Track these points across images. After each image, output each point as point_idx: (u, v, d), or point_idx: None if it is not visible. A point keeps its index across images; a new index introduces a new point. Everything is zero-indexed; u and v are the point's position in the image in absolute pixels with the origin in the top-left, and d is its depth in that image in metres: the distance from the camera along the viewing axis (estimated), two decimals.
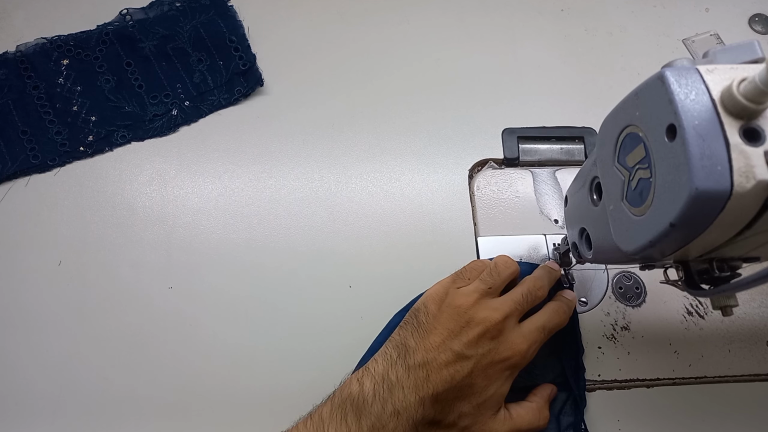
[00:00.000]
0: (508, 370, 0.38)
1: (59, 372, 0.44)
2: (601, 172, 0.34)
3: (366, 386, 0.36)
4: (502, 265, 0.41)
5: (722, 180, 0.24)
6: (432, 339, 0.37)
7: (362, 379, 0.37)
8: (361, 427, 0.35)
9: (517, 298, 0.39)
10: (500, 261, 0.41)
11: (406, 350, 0.37)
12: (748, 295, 0.48)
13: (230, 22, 0.56)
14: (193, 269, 0.47)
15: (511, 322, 0.38)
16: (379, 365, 0.37)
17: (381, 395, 0.35)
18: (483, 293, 0.39)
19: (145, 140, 0.52)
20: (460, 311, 0.38)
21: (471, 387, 0.36)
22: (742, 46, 0.28)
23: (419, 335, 0.38)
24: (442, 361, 0.36)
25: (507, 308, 0.38)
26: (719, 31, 0.59)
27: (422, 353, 0.37)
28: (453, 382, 0.36)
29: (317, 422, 0.36)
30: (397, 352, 0.38)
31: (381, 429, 0.35)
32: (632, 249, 0.30)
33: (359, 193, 0.51)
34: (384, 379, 0.36)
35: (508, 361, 0.37)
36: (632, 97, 0.30)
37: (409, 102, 0.55)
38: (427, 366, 0.36)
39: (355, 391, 0.36)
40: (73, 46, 0.54)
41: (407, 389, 0.36)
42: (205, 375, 0.44)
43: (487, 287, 0.39)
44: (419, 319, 0.39)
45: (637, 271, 0.48)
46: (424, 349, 0.37)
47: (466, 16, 0.59)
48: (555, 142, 0.53)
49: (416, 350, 0.37)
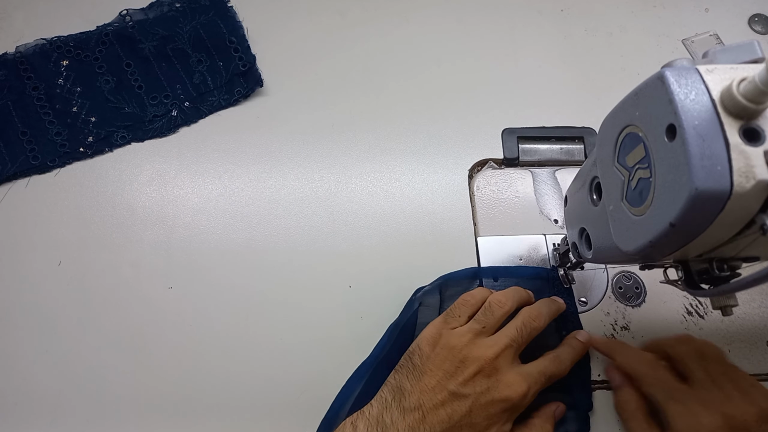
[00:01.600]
0: (508, 411, 0.37)
1: (59, 372, 0.44)
2: (601, 172, 0.34)
3: (359, 429, 0.36)
4: (496, 305, 0.40)
5: (722, 180, 0.24)
6: (427, 380, 0.37)
7: (356, 423, 0.36)
8: None
9: (511, 333, 0.39)
10: (494, 300, 0.40)
11: (402, 393, 0.37)
12: (748, 295, 0.48)
13: (230, 23, 0.56)
14: (193, 269, 0.47)
15: (507, 359, 0.37)
16: (374, 408, 0.37)
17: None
18: (477, 333, 0.39)
19: (144, 141, 0.52)
20: (455, 351, 0.37)
21: (472, 427, 0.36)
22: (741, 46, 0.28)
23: (414, 377, 0.37)
24: (438, 401, 0.36)
25: (502, 344, 0.38)
26: (719, 31, 0.59)
27: (417, 395, 0.36)
28: (451, 422, 0.35)
29: None
30: (392, 395, 0.37)
31: None
32: (632, 249, 0.30)
33: (359, 193, 0.51)
34: (378, 422, 0.36)
35: (508, 401, 0.36)
36: (632, 97, 0.30)
37: (409, 102, 0.55)
38: (422, 407, 0.36)
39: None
40: (72, 46, 0.54)
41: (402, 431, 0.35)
42: (205, 375, 0.44)
43: (480, 327, 0.39)
44: (414, 361, 0.38)
45: (637, 271, 0.48)
46: (419, 390, 0.36)
47: (466, 17, 0.59)
48: (555, 142, 0.53)
49: (411, 392, 0.37)
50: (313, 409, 0.41)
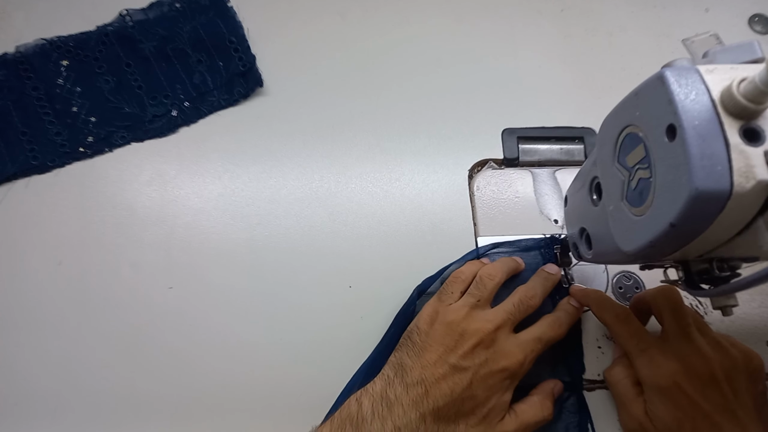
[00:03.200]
0: (508, 380, 0.38)
1: (59, 372, 0.44)
2: (601, 172, 0.34)
3: (365, 405, 0.36)
4: (487, 278, 0.41)
5: (722, 180, 0.24)
6: (428, 356, 0.38)
7: (360, 399, 0.37)
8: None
9: (509, 308, 0.40)
10: (484, 273, 0.42)
11: (403, 369, 0.38)
12: (748, 295, 0.48)
13: (230, 23, 0.56)
14: (193, 269, 0.47)
15: (504, 332, 0.39)
16: (377, 385, 0.38)
17: (380, 413, 0.36)
18: (472, 306, 0.40)
19: (144, 141, 0.52)
20: (453, 326, 0.38)
21: (473, 399, 0.36)
22: (741, 46, 0.28)
23: (415, 354, 0.38)
24: (440, 375, 0.37)
25: (499, 318, 0.39)
26: (719, 31, 0.59)
27: (419, 370, 0.37)
28: (453, 395, 0.36)
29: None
30: (394, 372, 0.38)
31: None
32: (632, 249, 0.30)
33: (359, 193, 0.51)
34: (383, 398, 0.36)
35: (506, 371, 0.37)
36: (632, 97, 0.30)
37: (409, 102, 0.55)
38: (424, 382, 0.36)
39: (354, 411, 0.36)
40: (72, 46, 0.54)
41: (406, 406, 0.36)
42: (205, 375, 0.44)
43: (475, 300, 0.40)
44: (413, 339, 0.39)
45: (637, 271, 0.48)
46: (420, 366, 0.37)
47: (466, 17, 0.59)
48: (555, 142, 0.53)
49: (413, 368, 0.37)
50: (314, 409, 0.41)
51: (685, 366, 0.35)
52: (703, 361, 0.35)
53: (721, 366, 0.36)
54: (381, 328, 0.44)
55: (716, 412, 0.35)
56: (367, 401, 0.37)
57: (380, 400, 0.36)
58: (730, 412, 0.35)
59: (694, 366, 0.35)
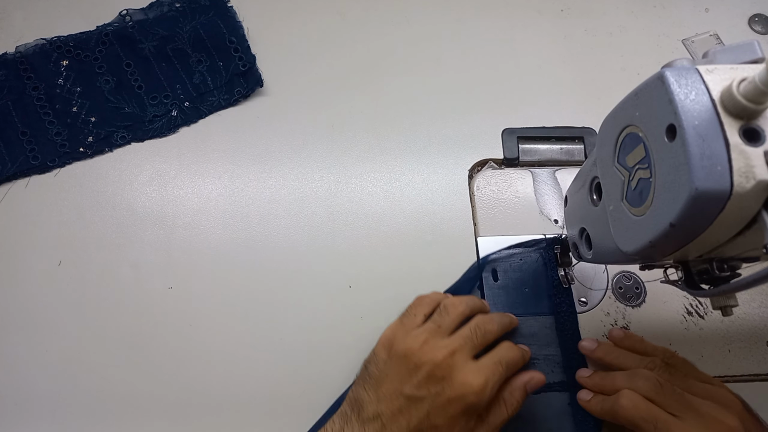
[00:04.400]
0: (468, 412, 0.36)
1: (59, 372, 0.44)
2: (601, 172, 0.34)
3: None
4: (450, 306, 0.40)
5: (722, 180, 0.24)
6: (384, 388, 0.37)
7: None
8: None
9: (465, 333, 0.38)
10: (448, 302, 0.41)
11: (360, 405, 0.37)
12: (748, 295, 0.48)
13: (230, 23, 0.56)
14: (193, 269, 0.47)
15: (461, 358, 0.37)
16: (336, 424, 0.37)
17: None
18: (433, 332, 0.38)
19: (144, 141, 0.52)
20: (409, 355, 0.37)
21: (435, 429, 0.35)
22: (741, 46, 0.28)
23: (371, 387, 0.38)
24: (396, 408, 0.36)
25: (455, 344, 0.37)
26: (719, 31, 0.59)
27: (374, 405, 0.36)
28: (410, 427, 0.35)
29: None
30: (350, 408, 0.37)
31: None
32: (632, 249, 0.30)
33: (359, 193, 0.51)
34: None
35: (464, 400, 0.35)
36: (632, 97, 0.30)
37: (408, 102, 0.55)
38: (381, 417, 0.36)
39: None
40: (72, 46, 0.54)
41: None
42: (204, 375, 0.44)
43: (436, 326, 0.39)
44: (370, 370, 0.39)
45: (637, 271, 0.48)
46: (376, 400, 0.36)
47: (466, 17, 0.59)
48: (555, 142, 0.53)
49: (369, 402, 0.37)
50: (313, 410, 0.41)
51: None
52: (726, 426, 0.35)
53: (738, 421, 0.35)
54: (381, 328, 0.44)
55: None
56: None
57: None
58: None
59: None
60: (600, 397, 0.40)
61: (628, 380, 0.38)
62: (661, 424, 0.35)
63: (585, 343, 0.43)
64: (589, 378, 0.41)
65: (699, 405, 0.36)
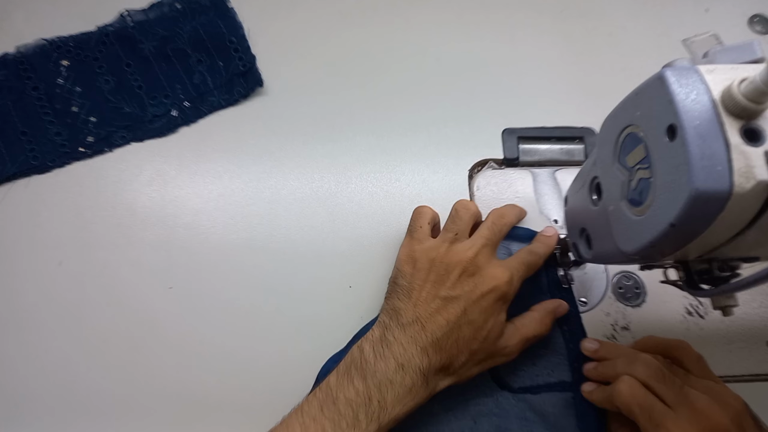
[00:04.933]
0: (500, 300, 0.39)
1: (59, 372, 0.44)
2: (601, 172, 0.34)
3: (366, 350, 0.38)
4: (462, 210, 0.42)
5: (722, 180, 0.24)
6: (417, 295, 0.39)
7: (362, 345, 0.38)
8: (368, 386, 0.36)
9: (484, 233, 0.41)
10: (459, 206, 0.43)
11: (397, 312, 0.39)
12: (748, 295, 0.48)
13: (230, 23, 0.56)
14: (193, 269, 0.47)
15: (486, 256, 0.40)
16: (376, 332, 0.39)
17: (381, 353, 0.37)
18: (451, 241, 0.41)
19: (144, 141, 0.52)
20: (436, 262, 0.39)
21: (471, 324, 0.38)
22: (741, 46, 0.28)
23: (405, 296, 0.39)
24: (433, 309, 0.38)
25: (478, 244, 0.40)
26: (719, 31, 0.59)
27: (412, 310, 0.38)
28: (449, 324, 0.37)
29: (326, 391, 0.37)
30: (389, 317, 0.39)
31: (388, 384, 0.36)
32: (632, 249, 0.30)
33: (359, 194, 0.51)
34: (382, 341, 0.38)
35: (496, 291, 0.38)
36: (632, 97, 0.30)
37: (409, 102, 0.55)
38: (420, 319, 0.38)
39: (357, 356, 0.38)
40: (72, 47, 0.54)
41: (406, 344, 0.37)
42: (204, 375, 0.44)
43: (453, 234, 0.41)
44: (399, 283, 0.40)
45: (637, 271, 0.48)
46: (413, 306, 0.39)
47: (466, 16, 0.59)
48: (555, 142, 0.53)
49: (406, 309, 0.39)
50: None
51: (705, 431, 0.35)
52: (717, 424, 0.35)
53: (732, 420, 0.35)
54: None
55: None
56: (368, 346, 0.38)
57: (380, 342, 0.38)
58: None
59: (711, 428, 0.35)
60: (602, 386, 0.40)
61: (628, 365, 0.38)
62: (656, 415, 0.36)
63: (587, 344, 0.43)
64: (593, 369, 0.42)
65: (695, 399, 0.36)
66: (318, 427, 0.35)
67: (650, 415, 0.36)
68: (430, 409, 0.41)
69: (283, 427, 0.36)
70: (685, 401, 0.36)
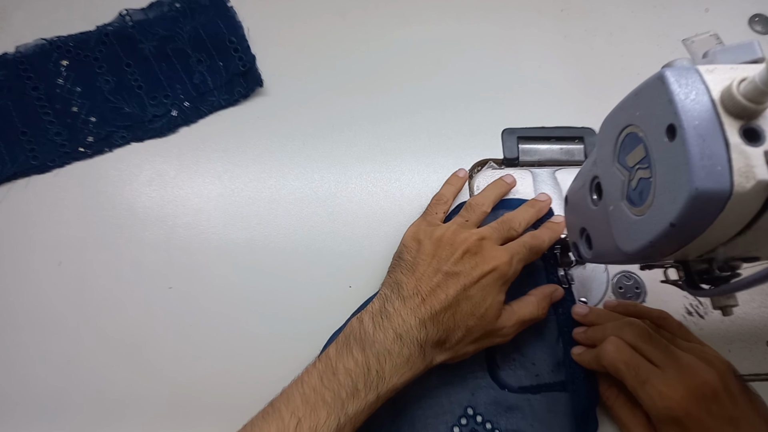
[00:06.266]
0: (499, 281, 0.39)
1: (59, 372, 0.44)
2: (602, 172, 0.34)
3: (365, 321, 0.38)
4: (476, 204, 0.45)
5: (722, 180, 0.24)
6: (421, 269, 0.40)
7: (362, 317, 0.39)
8: (367, 356, 0.36)
9: (493, 225, 0.43)
10: (473, 201, 0.45)
11: (399, 285, 0.40)
12: (748, 295, 0.48)
13: (230, 23, 0.56)
14: (193, 269, 0.47)
15: (490, 242, 0.41)
16: (376, 304, 0.39)
17: (381, 325, 0.37)
18: (461, 225, 0.43)
19: (144, 141, 0.52)
20: (443, 240, 0.41)
21: (469, 300, 0.38)
22: (741, 46, 0.28)
23: (408, 270, 0.40)
24: (434, 284, 0.39)
25: (484, 232, 0.42)
26: (719, 31, 0.59)
27: (414, 283, 0.39)
28: (449, 299, 0.38)
29: (325, 362, 0.37)
30: (390, 289, 0.40)
31: (387, 354, 0.36)
32: (632, 249, 0.30)
33: (359, 194, 0.51)
34: (382, 312, 0.38)
35: (495, 272, 0.39)
36: (632, 97, 0.30)
37: (409, 102, 0.55)
38: (420, 292, 0.38)
39: (356, 327, 0.38)
40: (72, 46, 0.54)
41: (405, 315, 0.38)
42: (205, 375, 0.44)
43: (464, 220, 0.44)
44: (404, 257, 0.42)
45: (637, 271, 0.48)
46: (415, 279, 0.39)
47: (466, 17, 0.59)
48: (555, 142, 0.53)
49: (408, 283, 0.39)
50: None
51: (690, 391, 0.35)
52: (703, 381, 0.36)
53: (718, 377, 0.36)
54: None
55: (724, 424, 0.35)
56: (367, 318, 0.38)
57: (380, 314, 0.38)
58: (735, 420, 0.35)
59: (698, 388, 0.35)
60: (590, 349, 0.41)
61: (616, 328, 0.40)
62: (641, 372, 0.37)
63: (578, 308, 0.44)
64: (582, 333, 0.43)
65: (681, 356, 0.37)
66: (318, 397, 0.35)
67: (636, 372, 0.37)
68: (428, 383, 0.42)
69: (284, 398, 0.36)
70: (671, 360, 0.37)
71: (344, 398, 0.35)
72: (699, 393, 0.35)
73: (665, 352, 0.37)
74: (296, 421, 0.34)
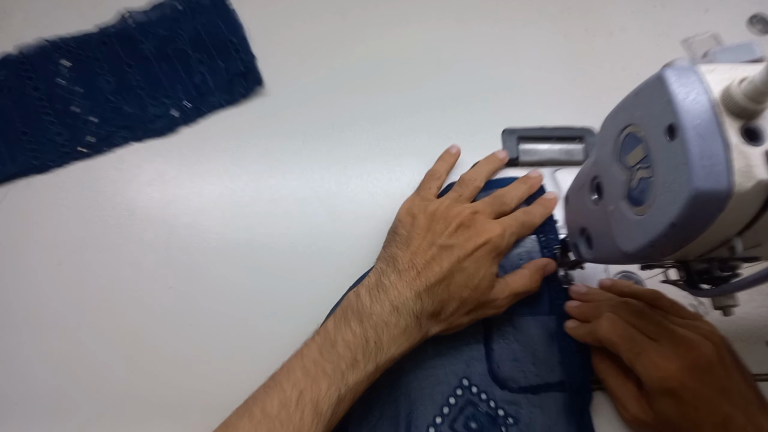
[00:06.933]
0: (492, 253, 0.40)
1: (59, 372, 0.44)
2: (602, 172, 0.34)
3: (362, 294, 0.39)
4: (468, 180, 0.46)
5: (722, 180, 0.24)
6: (415, 243, 0.40)
7: (358, 290, 0.39)
8: (365, 328, 0.37)
9: (486, 200, 0.44)
10: (466, 176, 0.46)
11: (394, 259, 0.40)
12: (748, 295, 0.48)
13: (230, 23, 0.56)
14: (193, 269, 0.47)
15: (483, 216, 0.42)
16: (372, 278, 0.40)
17: (378, 298, 0.38)
18: (454, 199, 0.44)
19: (145, 141, 0.52)
20: (437, 214, 0.42)
21: (463, 271, 0.39)
22: (741, 46, 0.28)
23: (403, 244, 0.41)
24: (429, 257, 0.39)
25: (477, 206, 0.43)
26: (719, 31, 0.59)
27: (409, 256, 0.40)
28: (443, 271, 0.38)
29: (324, 335, 0.38)
30: (385, 263, 0.41)
31: (384, 326, 0.37)
32: (633, 249, 0.30)
33: (359, 194, 0.51)
34: (378, 285, 0.39)
35: (489, 243, 0.40)
36: (632, 97, 0.30)
37: (409, 102, 0.55)
38: (415, 266, 0.39)
39: (353, 300, 0.39)
40: (73, 47, 0.54)
41: (401, 288, 0.38)
42: (205, 375, 0.44)
43: (457, 195, 0.45)
44: (399, 232, 0.42)
45: (637, 271, 0.48)
46: (410, 253, 0.40)
47: (466, 17, 0.59)
48: (555, 142, 0.53)
49: (403, 257, 0.40)
50: None
51: (685, 362, 0.36)
52: (698, 352, 0.36)
53: (713, 350, 0.36)
54: None
55: (716, 394, 0.36)
56: (364, 291, 0.39)
57: (376, 287, 0.39)
58: (727, 391, 0.36)
59: (693, 359, 0.36)
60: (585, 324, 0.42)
61: (612, 306, 0.41)
62: (637, 344, 0.37)
63: (575, 287, 0.45)
64: (576, 307, 0.43)
65: (676, 330, 0.38)
66: (319, 369, 0.36)
67: (631, 345, 0.37)
68: (424, 354, 0.43)
69: (285, 372, 0.37)
70: (667, 332, 0.38)
71: (344, 369, 0.36)
72: (694, 365, 0.36)
73: (660, 325, 0.38)
74: (298, 392, 0.35)
